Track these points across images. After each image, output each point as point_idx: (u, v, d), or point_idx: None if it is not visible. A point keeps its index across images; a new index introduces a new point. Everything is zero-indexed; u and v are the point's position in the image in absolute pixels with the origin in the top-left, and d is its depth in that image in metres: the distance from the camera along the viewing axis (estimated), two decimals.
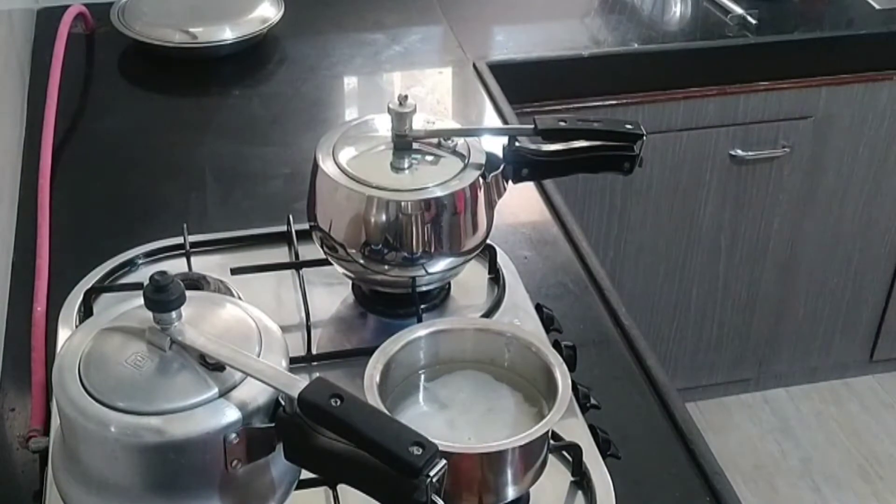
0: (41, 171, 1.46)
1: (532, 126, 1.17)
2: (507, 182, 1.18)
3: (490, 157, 1.16)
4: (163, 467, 0.79)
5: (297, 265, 1.25)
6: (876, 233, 2.33)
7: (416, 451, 0.72)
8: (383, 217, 1.11)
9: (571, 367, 1.05)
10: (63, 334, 1.15)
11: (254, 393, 0.80)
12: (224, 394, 0.80)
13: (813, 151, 2.16)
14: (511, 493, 0.93)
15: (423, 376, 1.01)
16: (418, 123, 1.15)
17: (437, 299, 1.22)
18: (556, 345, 1.08)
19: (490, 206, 1.17)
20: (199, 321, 0.84)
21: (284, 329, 0.89)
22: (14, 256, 1.33)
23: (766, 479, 2.37)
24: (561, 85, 1.97)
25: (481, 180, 1.14)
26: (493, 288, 1.25)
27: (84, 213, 1.44)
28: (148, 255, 1.29)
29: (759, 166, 2.13)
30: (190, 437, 0.78)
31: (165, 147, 1.60)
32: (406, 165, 1.14)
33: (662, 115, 2.02)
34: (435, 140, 1.17)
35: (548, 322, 1.19)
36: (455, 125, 1.22)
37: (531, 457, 0.93)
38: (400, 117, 1.13)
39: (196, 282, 1.16)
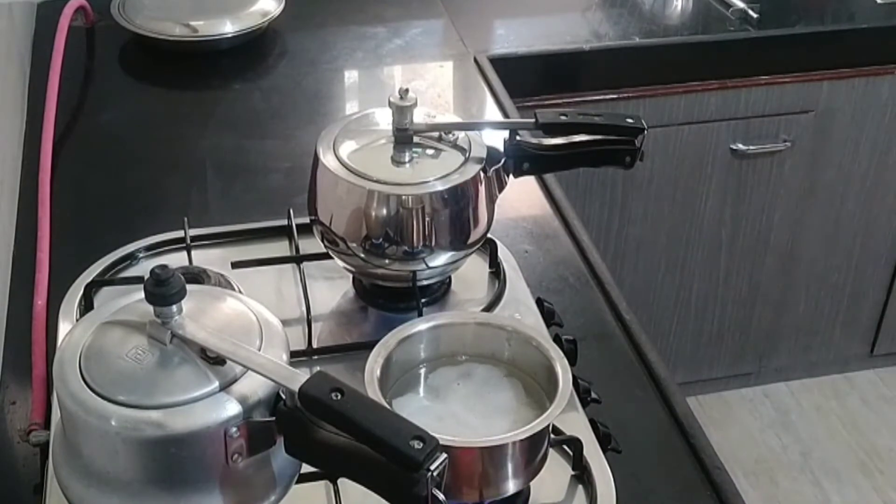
0: (41, 164, 1.46)
1: (533, 120, 1.16)
2: (507, 176, 1.18)
3: (491, 151, 1.16)
4: (163, 461, 0.79)
5: (297, 259, 1.25)
6: (877, 227, 2.33)
7: (417, 444, 0.72)
8: (384, 211, 1.11)
9: (572, 361, 1.05)
10: (64, 328, 1.15)
11: (254, 387, 0.80)
12: (225, 387, 0.80)
13: (814, 145, 2.16)
14: (511, 486, 0.93)
15: (423, 370, 1.01)
16: (419, 117, 1.15)
17: (438, 293, 1.22)
18: (556, 339, 1.08)
19: (491, 201, 1.17)
20: (200, 315, 0.84)
21: (285, 323, 0.89)
22: (14, 250, 1.33)
23: (767, 473, 2.37)
24: (562, 79, 1.96)
25: (482, 174, 1.14)
26: (494, 282, 1.25)
27: (84, 206, 1.44)
28: (149, 248, 1.28)
29: (759, 160, 2.13)
30: (191, 430, 0.78)
31: (166, 140, 1.60)
32: (407, 159, 1.14)
33: (663, 108, 2.02)
34: (436, 134, 1.17)
35: (548, 316, 1.19)
36: (456, 119, 1.22)
37: (532, 451, 0.93)
38: (401, 111, 1.13)
39: (197, 275, 1.15)
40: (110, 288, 1.21)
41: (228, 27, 1.82)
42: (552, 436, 0.98)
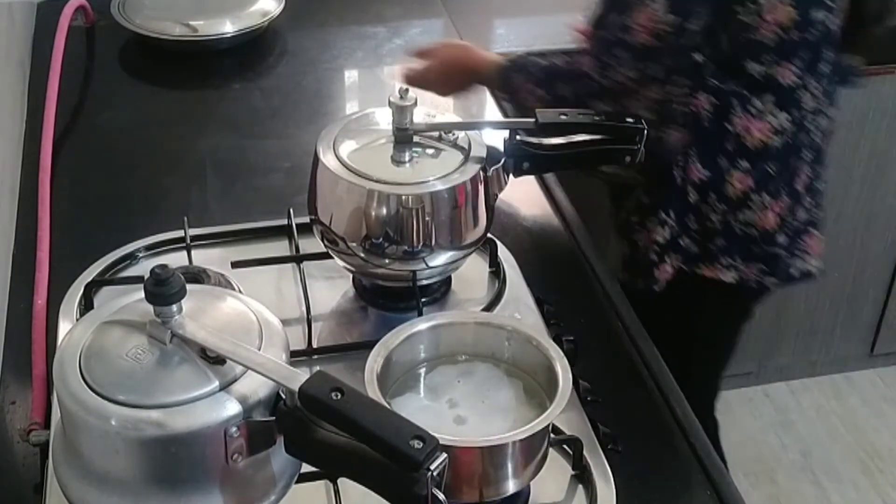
0: (41, 163, 1.46)
1: (533, 120, 1.16)
2: (507, 176, 1.18)
3: (491, 150, 1.16)
4: (163, 460, 0.79)
5: (297, 258, 1.25)
6: (877, 227, 2.33)
7: (417, 444, 0.72)
8: (384, 210, 1.11)
9: (572, 360, 1.05)
10: (64, 327, 1.15)
11: (254, 386, 0.80)
12: (225, 387, 0.80)
13: None
14: (511, 486, 0.93)
15: (423, 370, 1.01)
16: (419, 117, 1.15)
17: (438, 293, 1.22)
18: (556, 338, 1.08)
19: (491, 200, 1.17)
20: (200, 314, 0.84)
21: (285, 322, 0.89)
22: (15, 249, 1.33)
23: (767, 473, 2.37)
24: None
25: (482, 174, 1.14)
26: (494, 281, 1.25)
27: (84, 205, 1.44)
28: (149, 248, 1.29)
29: None
30: (191, 430, 0.78)
31: (166, 140, 1.60)
32: (407, 159, 1.14)
33: None
34: (436, 133, 1.17)
35: (548, 316, 1.19)
36: (456, 119, 1.22)
37: (532, 450, 0.93)
38: (401, 111, 1.13)
39: (197, 275, 1.16)
40: (110, 288, 1.21)
41: (228, 27, 1.82)
42: (552, 435, 0.98)
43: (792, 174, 1.46)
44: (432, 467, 0.72)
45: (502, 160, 1.16)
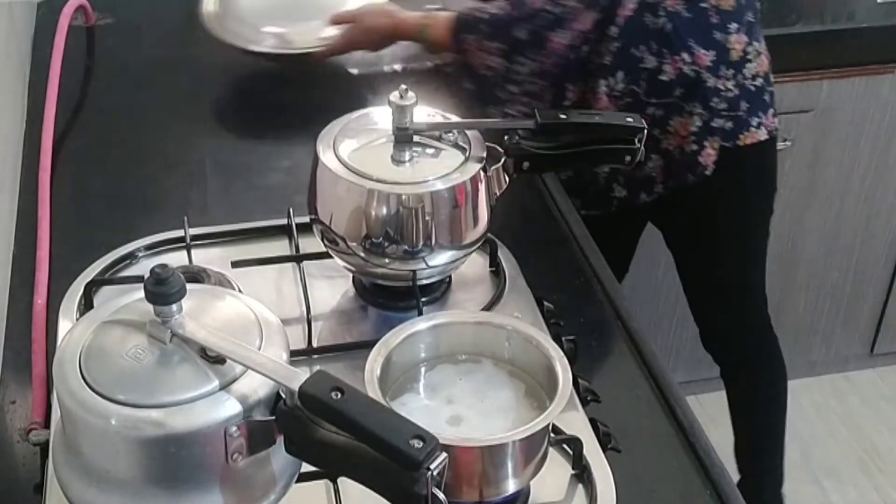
0: (42, 163, 1.46)
1: (533, 120, 1.16)
2: (507, 175, 1.18)
3: (491, 150, 1.16)
4: (163, 460, 0.79)
5: (297, 258, 1.25)
6: (877, 226, 2.33)
7: (417, 444, 0.72)
8: (384, 210, 1.11)
9: (572, 360, 1.05)
10: (63, 327, 1.15)
11: (254, 386, 0.80)
12: (225, 387, 0.80)
13: (814, 145, 2.16)
14: (511, 486, 0.93)
15: (423, 369, 1.01)
16: (419, 116, 1.15)
17: (438, 292, 1.22)
18: (556, 338, 1.08)
19: (491, 200, 1.17)
20: (200, 314, 0.84)
21: (285, 322, 0.89)
22: (15, 249, 1.33)
23: None
24: None
25: (482, 173, 1.14)
26: (494, 281, 1.25)
27: (85, 205, 1.44)
28: (149, 247, 1.28)
29: None
30: (190, 429, 0.78)
31: (166, 139, 1.60)
32: (407, 158, 1.14)
33: None
34: (436, 133, 1.17)
35: (548, 315, 1.19)
36: (456, 118, 1.22)
37: (532, 450, 0.93)
38: (401, 110, 1.13)
39: (196, 275, 1.16)
40: (110, 287, 1.21)
41: None
42: (552, 435, 0.98)
43: (755, 19, 1.61)
44: (432, 467, 0.72)
45: (502, 160, 1.16)
